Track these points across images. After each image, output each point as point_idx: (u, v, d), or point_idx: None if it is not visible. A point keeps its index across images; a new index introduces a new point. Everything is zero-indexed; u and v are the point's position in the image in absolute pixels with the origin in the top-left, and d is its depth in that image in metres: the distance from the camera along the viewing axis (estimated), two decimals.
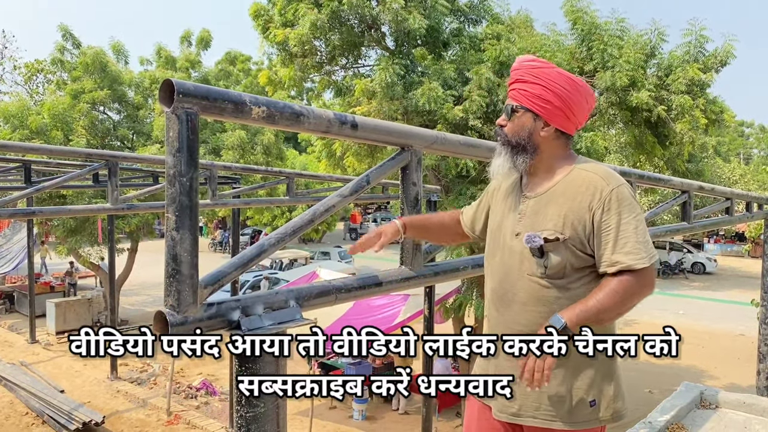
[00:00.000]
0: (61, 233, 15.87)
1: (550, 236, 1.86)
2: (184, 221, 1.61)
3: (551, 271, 1.88)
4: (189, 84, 1.61)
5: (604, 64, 9.90)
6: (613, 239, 1.82)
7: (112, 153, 5.79)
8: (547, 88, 1.90)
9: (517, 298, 1.95)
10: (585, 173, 1.91)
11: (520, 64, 1.97)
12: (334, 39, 9.94)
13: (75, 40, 16.78)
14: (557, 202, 1.91)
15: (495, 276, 2.03)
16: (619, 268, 1.80)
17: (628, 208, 1.84)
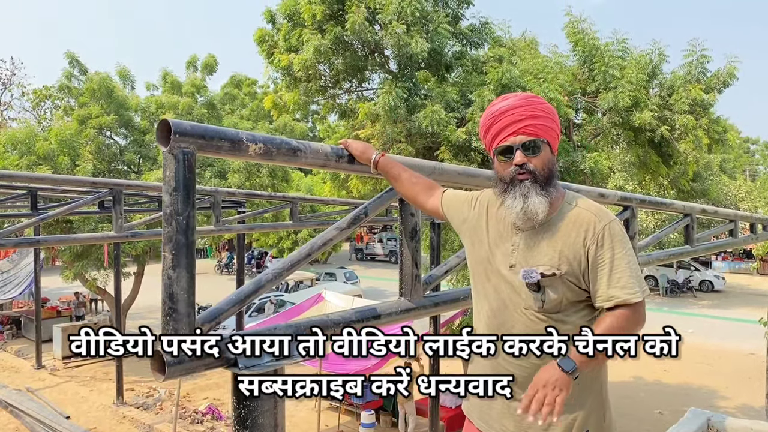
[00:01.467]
0: (67, 258, 15.92)
1: (547, 272, 1.88)
2: (180, 260, 1.62)
3: (548, 305, 1.90)
4: (186, 124, 1.63)
5: (606, 84, 9.94)
6: (607, 274, 1.85)
7: (116, 181, 5.82)
8: (554, 121, 2.00)
9: (514, 331, 1.96)
10: (577, 210, 1.94)
11: (526, 101, 1.99)
12: (337, 63, 10.04)
13: (82, 66, 16.98)
14: (552, 237, 1.93)
15: (490, 304, 2.03)
16: (616, 303, 1.83)
17: (620, 244, 1.88)
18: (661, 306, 24.78)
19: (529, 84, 9.86)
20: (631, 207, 3.44)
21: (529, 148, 1.94)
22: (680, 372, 15.51)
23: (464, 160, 9.80)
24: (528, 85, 9.86)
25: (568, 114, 9.77)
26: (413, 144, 9.92)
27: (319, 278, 25.24)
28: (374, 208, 2.18)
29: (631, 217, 3.44)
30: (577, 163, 9.70)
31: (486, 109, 2.08)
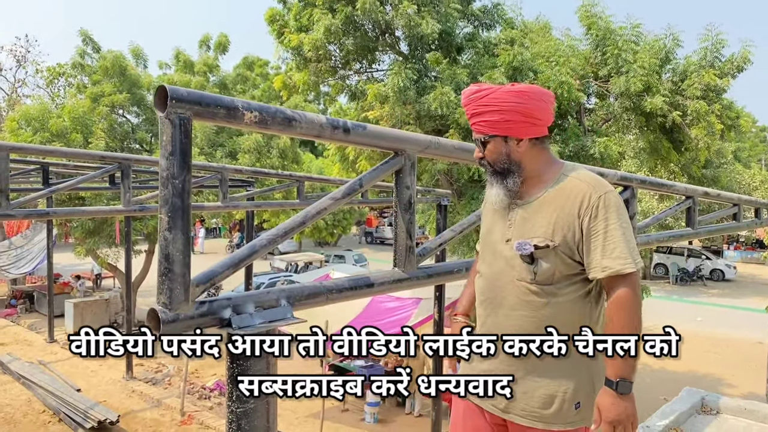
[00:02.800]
0: (79, 234, 16.11)
1: (540, 243, 1.92)
2: (176, 222, 1.67)
3: (540, 277, 1.93)
4: (182, 90, 1.67)
5: (618, 69, 9.87)
6: (601, 244, 1.87)
7: (125, 156, 5.90)
8: (502, 110, 1.95)
9: (506, 302, 2.00)
10: (573, 181, 1.96)
11: (468, 99, 2.03)
12: (347, 44, 10.02)
13: (95, 44, 17.04)
14: (546, 209, 1.96)
15: (485, 279, 2.09)
16: (609, 274, 1.85)
17: (615, 214, 1.89)
18: (670, 294, 24.71)
19: (541, 67, 9.82)
20: (631, 187, 3.45)
21: (478, 144, 2.05)
22: (687, 360, 15.51)
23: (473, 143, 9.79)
24: (539, 68, 9.82)
25: (579, 98, 9.72)
26: (422, 126, 9.92)
27: (328, 260, 25.36)
28: (369, 180, 2.23)
29: (631, 197, 3.45)
30: (587, 148, 9.66)
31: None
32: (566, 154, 9.59)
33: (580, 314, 1.97)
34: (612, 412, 1.81)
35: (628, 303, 1.83)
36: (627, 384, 1.82)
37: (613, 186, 2.04)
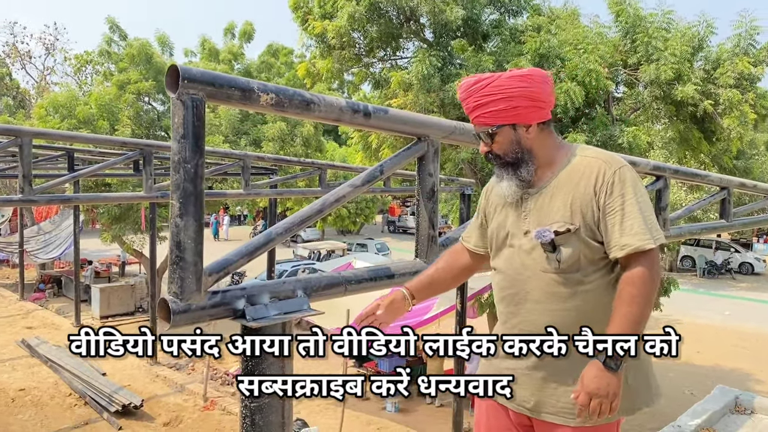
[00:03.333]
0: (105, 220, 16.28)
1: (560, 228, 1.82)
2: (188, 208, 1.61)
3: (565, 264, 1.84)
4: (195, 70, 1.60)
5: (648, 56, 9.63)
6: (619, 221, 1.78)
7: (147, 142, 5.89)
8: (509, 97, 1.86)
9: (530, 297, 1.90)
10: (585, 159, 1.88)
11: (468, 92, 1.92)
12: (371, 31, 9.90)
13: (122, 32, 17.15)
14: (561, 193, 1.87)
15: (503, 275, 1.99)
16: (629, 252, 1.76)
17: (632, 189, 1.81)
18: (697, 287, 24.28)
19: (569, 55, 9.62)
20: (664, 177, 3.32)
21: (485, 137, 1.93)
22: (713, 354, 15.23)
23: None
24: (567, 55, 9.62)
25: (607, 86, 9.50)
26: (446, 114, 9.79)
27: (351, 249, 25.36)
28: (390, 167, 2.14)
29: (664, 188, 3.32)
30: (615, 138, 9.46)
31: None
32: (594, 143, 9.40)
33: (609, 302, 1.87)
34: (593, 383, 1.73)
35: (642, 279, 1.75)
36: (617, 361, 1.73)
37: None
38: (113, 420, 10.59)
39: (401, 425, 11.32)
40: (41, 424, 10.74)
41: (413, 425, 11.33)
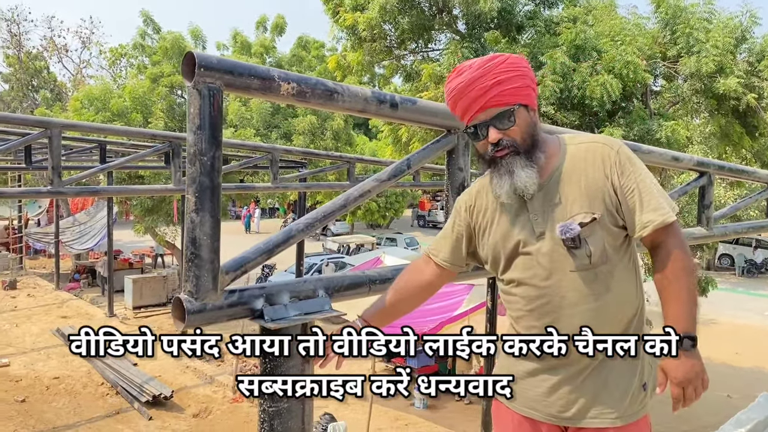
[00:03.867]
0: (138, 212, 16.48)
1: (585, 219, 1.70)
2: (204, 203, 1.53)
3: (595, 257, 1.71)
4: (212, 57, 1.52)
5: (689, 48, 9.33)
6: (638, 200, 1.70)
7: (176, 135, 5.88)
8: (523, 76, 1.75)
9: (566, 301, 1.75)
10: (582, 146, 1.79)
11: (484, 69, 1.74)
12: (403, 23, 9.78)
13: (156, 25, 17.31)
14: (570, 183, 1.74)
15: (528, 287, 1.82)
16: (655, 227, 1.67)
17: (638, 165, 1.75)
18: (736, 286, 23.66)
19: (605, 46, 9.37)
20: (708, 173, 3.14)
21: (501, 121, 1.74)
22: (753, 356, 14.79)
23: None
24: (604, 47, 9.38)
25: (645, 79, 9.23)
26: None
27: (380, 243, 25.30)
28: (417, 161, 2.04)
29: (707, 185, 3.14)
30: (652, 132, 9.19)
31: (445, 84, 1.84)
32: (630, 137, 9.15)
33: (636, 287, 1.81)
34: (679, 372, 1.64)
35: (680, 251, 1.68)
36: (691, 338, 1.64)
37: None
38: (143, 410, 10.71)
39: (429, 422, 11.23)
40: (74, 412, 10.91)
41: (441, 422, 11.23)
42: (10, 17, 26.62)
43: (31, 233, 21.90)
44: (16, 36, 26.84)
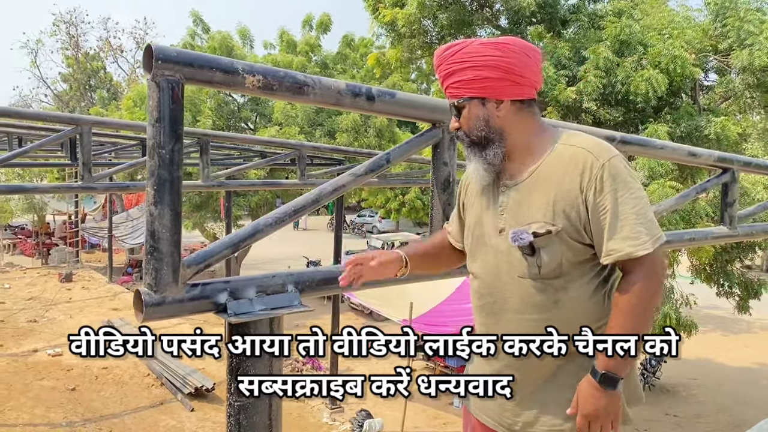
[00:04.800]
0: (187, 209, 16.85)
1: (540, 230, 1.60)
2: (163, 196, 1.53)
3: (546, 270, 1.62)
4: (171, 50, 1.52)
5: (741, 41, 8.94)
6: (609, 224, 1.56)
7: (204, 131, 5.99)
8: (476, 66, 1.64)
9: (508, 306, 1.69)
10: (570, 149, 1.64)
11: (440, 59, 1.71)
12: (442, 18, 9.69)
13: (205, 25, 17.65)
14: (542, 187, 1.64)
15: (479, 281, 1.79)
16: (617, 258, 1.55)
17: (623, 184, 1.56)
18: None
19: (652, 40, 9.08)
20: (732, 170, 2.98)
21: (455, 110, 1.71)
22: None
23: (573, 121, 9.24)
24: (651, 41, 9.09)
25: (693, 74, 8.89)
26: None
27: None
28: (397, 155, 1.99)
29: (731, 182, 2.98)
30: (701, 128, 8.85)
31: None
32: (677, 135, 8.84)
33: (597, 311, 1.66)
34: (589, 405, 1.56)
35: (639, 288, 1.54)
36: (614, 379, 1.55)
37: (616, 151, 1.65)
38: (186, 402, 10.96)
39: None
40: (121, 402, 11.26)
41: None
42: (68, 19, 27.71)
43: (87, 228, 22.69)
44: (74, 38, 27.92)
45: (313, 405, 11.02)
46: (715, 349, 15.35)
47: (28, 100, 30.19)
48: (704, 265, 9.60)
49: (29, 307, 16.27)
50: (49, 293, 17.79)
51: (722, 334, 16.54)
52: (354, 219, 35.66)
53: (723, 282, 9.85)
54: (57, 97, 30.23)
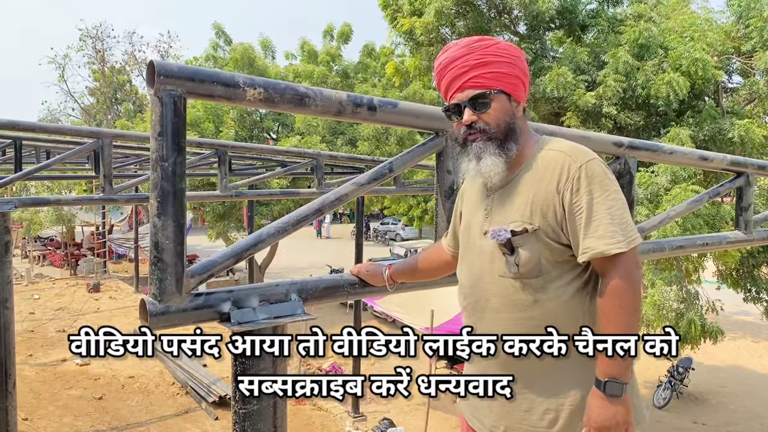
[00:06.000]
0: (211, 218, 17.05)
1: (517, 228, 1.64)
2: (166, 208, 1.56)
3: (524, 268, 1.65)
4: (173, 65, 1.55)
5: (764, 43, 8.82)
6: (584, 223, 1.59)
7: (222, 142, 6.07)
8: (512, 63, 1.70)
9: (490, 305, 1.72)
10: (551, 153, 1.68)
11: (468, 48, 1.71)
12: (460, 26, 9.71)
13: (227, 37, 17.90)
14: (523, 189, 1.68)
15: (465, 282, 1.83)
16: (591, 256, 1.57)
17: (599, 186, 1.60)
18: None
19: (673, 43, 8.99)
20: (746, 174, 2.93)
21: (477, 103, 1.70)
22: None
23: (593, 127, 9.18)
24: (671, 44, 9.00)
25: (715, 76, 8.79)
26: (537, 110, 9.44)
27: None
28: (400, 164, 2.00)
29: (746, 186, 2.93)
30: (724, 132, 8.73)
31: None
32: (700, 138, 8.74)
33: (577, 311, 1.67)
34: (600, 417, 1.55)
35: (620, 287, 1.55)
36: (618, 385, 1.54)
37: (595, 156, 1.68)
38: (210, 410, 11.05)
39: None
40: (146, 410, 11.40)
41: None
42: (95, 34, 28.29)
43: (114, 238, 23.06)
44: (101, 52, 28.49)
45: (336, 414, 11.03)
46: (745, 356, 15.05)
47: (56, 114, 30.86)
48: (730, 270, 9.45)
49: (58, 317, 16.56)
50: (78, 303, 18.10)
51: (753, 341, 16.21)
52: (377, 227, 35.72)
53: (750, 287, 9.68)
54: (84, 110, 30.86)
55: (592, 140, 2.34)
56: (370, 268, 2.07)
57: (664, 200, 7.65)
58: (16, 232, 23.44)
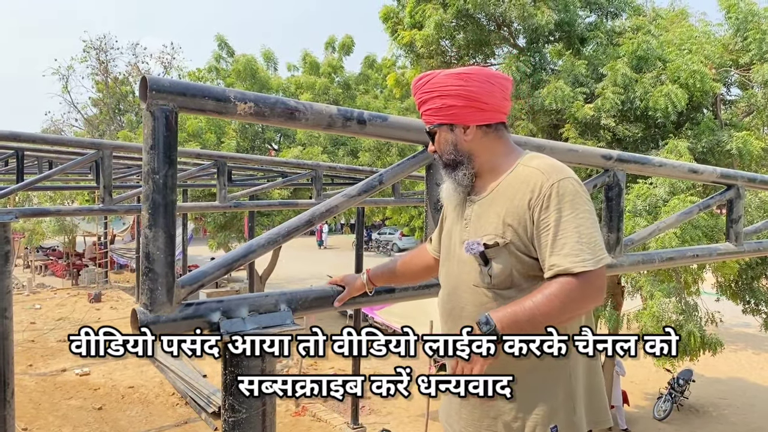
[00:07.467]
0: (212, 228, 17.08)
1: (489, 241, 1.71)
2: (157, 219, 1.59)
3: (496, 280, 1.71)
4: (164, 80, 1.59)
5: (761, 55, 8.87)
6: (551, 240, 1.63)
7: (220, 153, 6.12)
8: (442, 95, 1.78)
9: (465, 313, 1.79)
10: (527, 169, 1.74)
11: (414, 88, 1.87)
12: (459, 39, 9.78)
13: (229, 48, 18.00)
14: (497, 203, 1.75)
15: (444, 290, 1.91)
16: (556, 272, 1.61)
17: (569, 204, 1.64)
18: None
19: (671, 55, 9.04)
20: (736, 186, 2.96)
21: (430, 135, 1.87)
22: None
23: (592, 139, 9.22)
24: (669, 56, 9.05)
25: (713, 88, 8.83)
26: (536, 122, 9.48)
27: None
28: (391, 176, 2.04)
29: (736, 198, 2.96)
30: (722, 144, 8.76)
31: None
32: (698, 150, 8.76)
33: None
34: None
35: (569, 286, 1.58)
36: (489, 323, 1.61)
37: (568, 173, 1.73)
38: (210, 421, 10.99)
39: None
40: (146, 420, 11.40)
41: None
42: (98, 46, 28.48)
43: (115, 249, 23.12)
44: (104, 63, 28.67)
45: (335, 425, 11.01)
46: (747, 368, 15.00)
47: (59, 125, 31.02)
48: (729, 282, 9.45)
49: (59, 327, 16.58)
50: (79, 313, 18.12)
51: (754, 353, 16.16)
52: (377, 237, 35.79)
53: (749, 299, 9.67)
54: (87, 121, 31.01)
55: (580, 153, 2.38)
56: (347, 278, 2.11)
57: (662, 212, 7.67)
58: (18, 243, 23.51)
